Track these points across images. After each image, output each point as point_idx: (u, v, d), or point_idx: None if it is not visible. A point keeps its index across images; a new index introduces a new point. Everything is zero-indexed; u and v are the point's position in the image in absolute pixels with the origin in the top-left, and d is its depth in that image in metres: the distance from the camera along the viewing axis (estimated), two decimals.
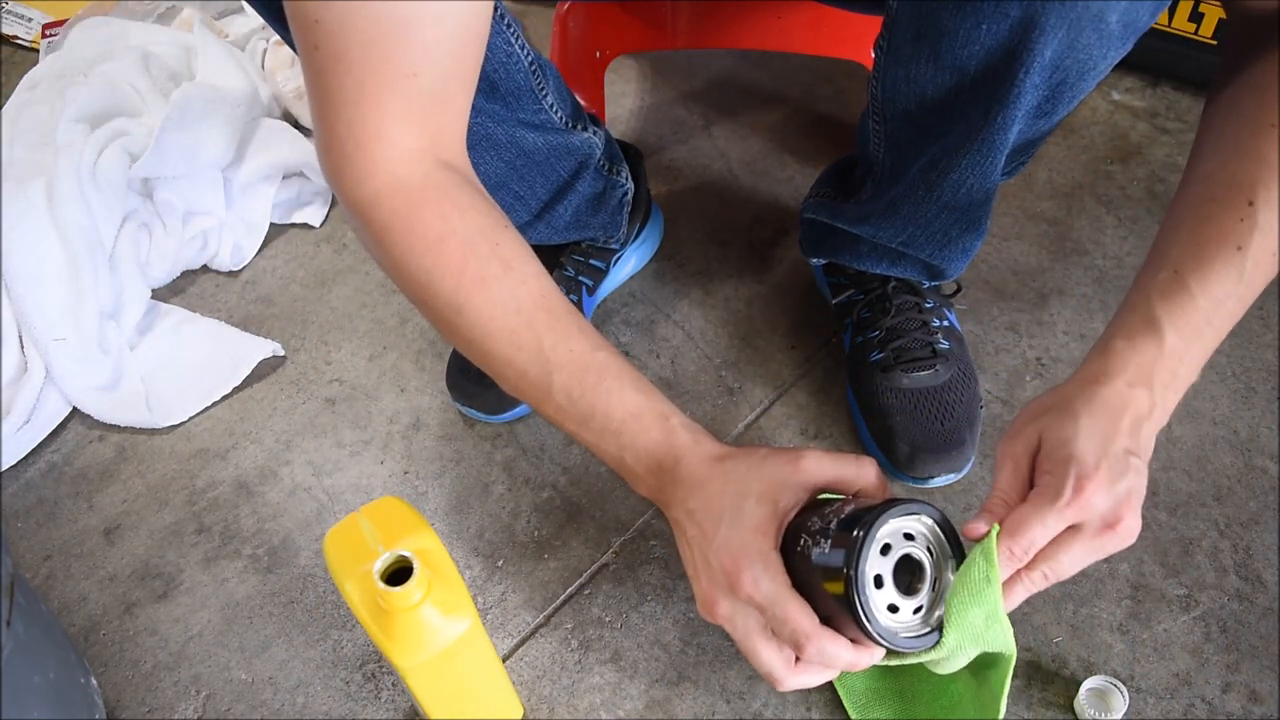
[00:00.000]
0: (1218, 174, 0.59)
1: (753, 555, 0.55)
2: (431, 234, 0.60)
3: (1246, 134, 0.58)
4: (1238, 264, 0.56)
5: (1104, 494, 0.54)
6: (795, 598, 0.55)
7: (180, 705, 0.79)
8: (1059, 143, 1.17)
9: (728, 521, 0.57)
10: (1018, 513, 0.55)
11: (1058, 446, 0.56)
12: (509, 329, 0.61)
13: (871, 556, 0.53)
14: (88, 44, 1.19)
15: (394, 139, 0.59)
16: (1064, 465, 0.54)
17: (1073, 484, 0.54)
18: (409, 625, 0.60)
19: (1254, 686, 0.76)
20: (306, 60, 0.58)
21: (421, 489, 0.91)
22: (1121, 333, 0.58)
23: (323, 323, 1.05)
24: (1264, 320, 0.99)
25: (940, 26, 0.62)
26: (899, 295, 0.90)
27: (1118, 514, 0.54)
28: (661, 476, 0.61)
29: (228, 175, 1.12)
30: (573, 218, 0.90)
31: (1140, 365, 0.57)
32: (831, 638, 0.54)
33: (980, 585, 0.54)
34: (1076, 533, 0.55)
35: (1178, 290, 0.57)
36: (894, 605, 0.55)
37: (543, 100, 0.79)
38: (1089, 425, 0.55)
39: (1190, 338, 0.57)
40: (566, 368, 0.61)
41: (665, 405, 0.62)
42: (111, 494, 0.93)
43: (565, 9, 1.11)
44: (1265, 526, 0.84)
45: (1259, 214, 0.56)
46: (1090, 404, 0.56)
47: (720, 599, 0.57)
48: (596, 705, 0.77)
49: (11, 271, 0.96)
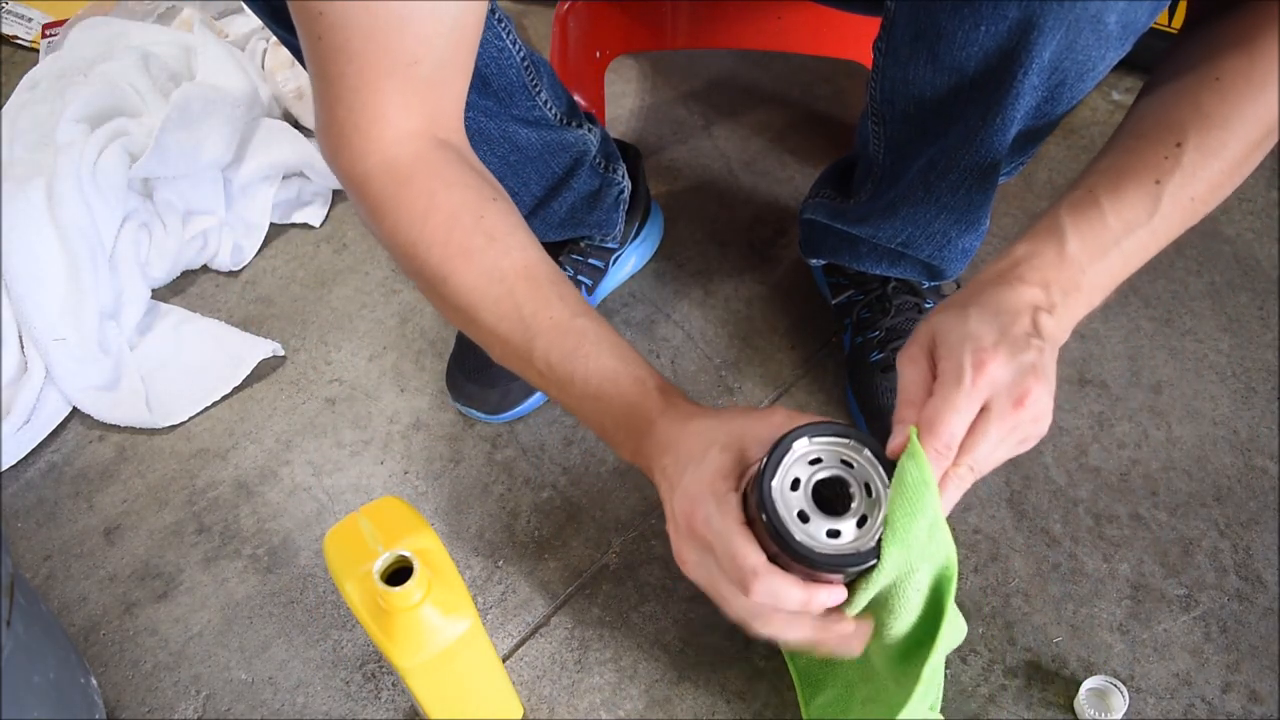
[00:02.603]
0: (1151, 115, 0.59)
1: (707, 496, 0.54)
2: (417, 209, 0.61)
3: (1188, 83, 0.58)
4: (1153, 195, 0.56)
5: (1005, 366, 0.52)
6: (743, 535, 0.53)
7: (180, 705, 0.80)
8: (1059, 143, 1.17)
9: (690, 470, 0.56)
10: (928, 407, 0.53)
11: (952, 334, 0.54)
12: (492, 298, 0.62)
13: (782, 473, 0.52)
14: (88, 44, 1.19)
15: (391, 121, 0.60)
16: (959, 347, 0.53)
17: (971, 361, 0.52)
18: (409, 625, 0.60)
19: (1254, 686, 0.76)
20: (310, 49, 0.59)
21: (421, 489, 0.91)
22: (1026, 238, 0.57)
23: (323, 323, 1.05)
24: (1264, 320, 0.99)
25: (938, 28, 0.62)
26: (899, 295, 0.90)
27: (1024, 386, 0.52)
28: (639, 439, 0.60)
29: (228, 175, 1.12)
30: (568, 214, 0.90)
31: (1038, 266, 0.56)
32: (779, 575, 0.53)
33: (917, 490, 0.52)
34: (987, 414, 0.53)
35: (1088, 205, 0.57)
36: (834, 530, 0.53)
37: (536, 96, 0.80)
38: (981, 313, 0.54)
39: (1094, 250, 0.56)
40: (546, 334, 0.61)
41: (642, 369, 0.61)
42: (111, 494, 0.93)
43: (565, 9, 1.11)
44: (1265, 526, 0.84)
45: (1184, 155, 0.56)
46: (981, 299, 0.55)
47: (685, 547, 0.56)
48: (596, 705, 0.77)
49: (11, 271, 0.96)
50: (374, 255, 1.11)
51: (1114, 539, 0.84)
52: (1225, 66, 0.57)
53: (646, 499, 0.89)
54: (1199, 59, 0.59)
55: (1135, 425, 0.91)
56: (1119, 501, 0.86)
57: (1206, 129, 0.56)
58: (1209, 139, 0.56)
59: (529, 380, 0.64)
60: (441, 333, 1.03)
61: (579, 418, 0.64)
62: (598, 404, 0.61)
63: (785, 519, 0.52)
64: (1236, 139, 0.56)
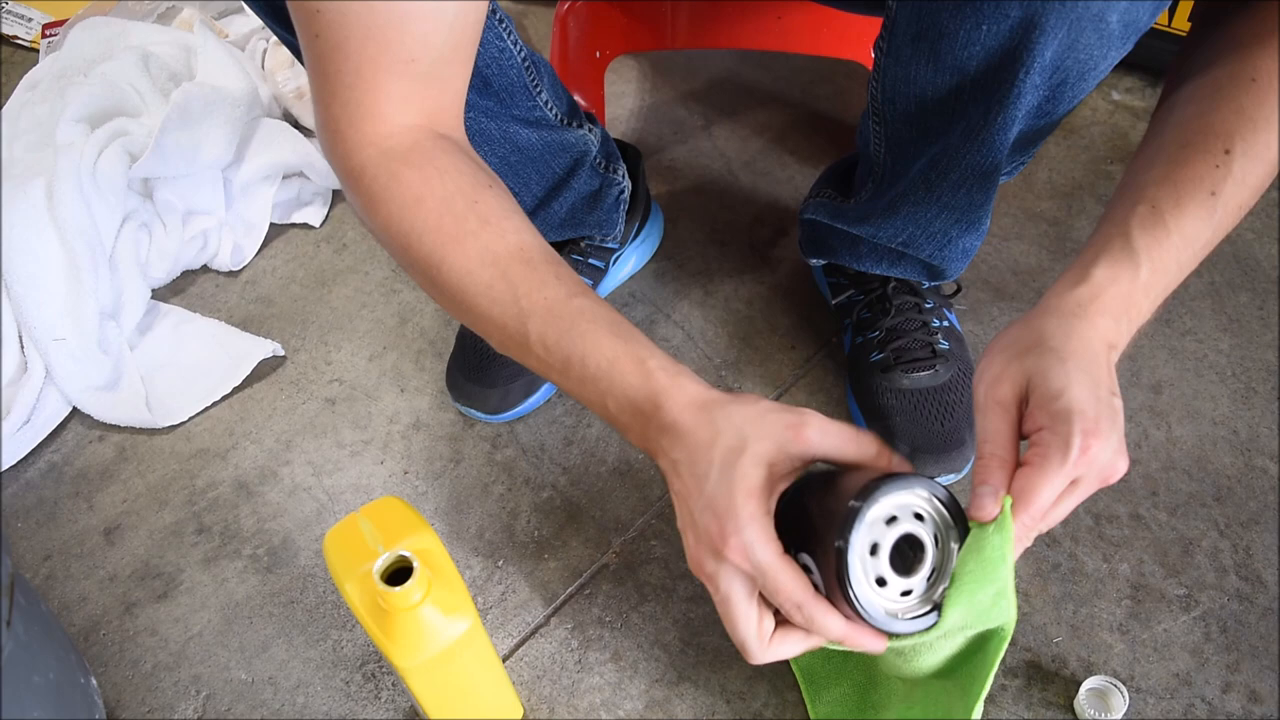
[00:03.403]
0: (1195, 121, 0.59)
1: (742, 520, 0.53)
2: (410, 195, 0.60)
3: (1225, 85, 0.58)
4: (1210, 208, 0.56)
5: (1104, 447, 0.52)
6: (788, 568, 0.53)
7: (180, 705, 0.79)
8: (1059, 143, 1.17)
9: (715, 479, 0.54)
10: (1025, 479, 0.53)
11: (1052, 398, 0.53)
12: (485, 282, 0.60)
13: (865, 529, 0.52)
14: (88, 44, 1.19)
15: (387, 116, 0.60)
16: (1065, 421, 0.52)
17: (1079, 443, 0.51)
18: (409, 625, 0.60)
19: (1254, 686, 0.76)
20: (307, 47, 0.59)
21: (421, 489, 0.91)
22: (1103, 261, 0.57)
23: (323, 323, 1.05)
24: (1264, 320, 0.99)
25: (940, 27, 0.62)
26: (899, 295, 0.90)
27: (1114, 467, 0.53)
28: (645, 423, 0.58)
29: (228, 175, 1.12)
30: (568, 214, 0.90)
31: (1117, 296, 0.56)
32: (825, 608, 0.53)
33: (995, 563, 0.52)
34: (1075, 488, 0.53)
35: (1155, 224, 0.56)
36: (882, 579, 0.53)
37: (537, 96, 0.80)
38: (1079, 371, 0.53)
39: (1160, 273, 0.56)
40: (541, 315, 0.59)
41: (643, 348, 0.59)
42: (111, 494, 0.93)
43: (565, 9, 1.11)
44: (1265, 526, 0.84)
45: (1234, 163, 0.56)
46: (1074, 344, 0.54)
47: (706, 558, 0.55)
48: (596, 705, 0.77)
49: (11, 271, 0.96)
50: (374, 255, 1.11)
51: (1114, 539, 0.84)
52: (1260, 67, 0.57)
53: (646, 499, 0.89)
54: (1228, 58, 0.58)
55: (1135, 425, 0.91)
56: (1119, 501, 0.86)
57: (1253, 133, 0.56)
58: (1255, 143, 0.56)
59: (531, 368, 0.62)
60: (441, 333, 1.03)
61: (582, 403, 0.61)
62: (598, 386, 0.59)
63: (869, 604, 0.52)
64: (1277, 140, 0.56)
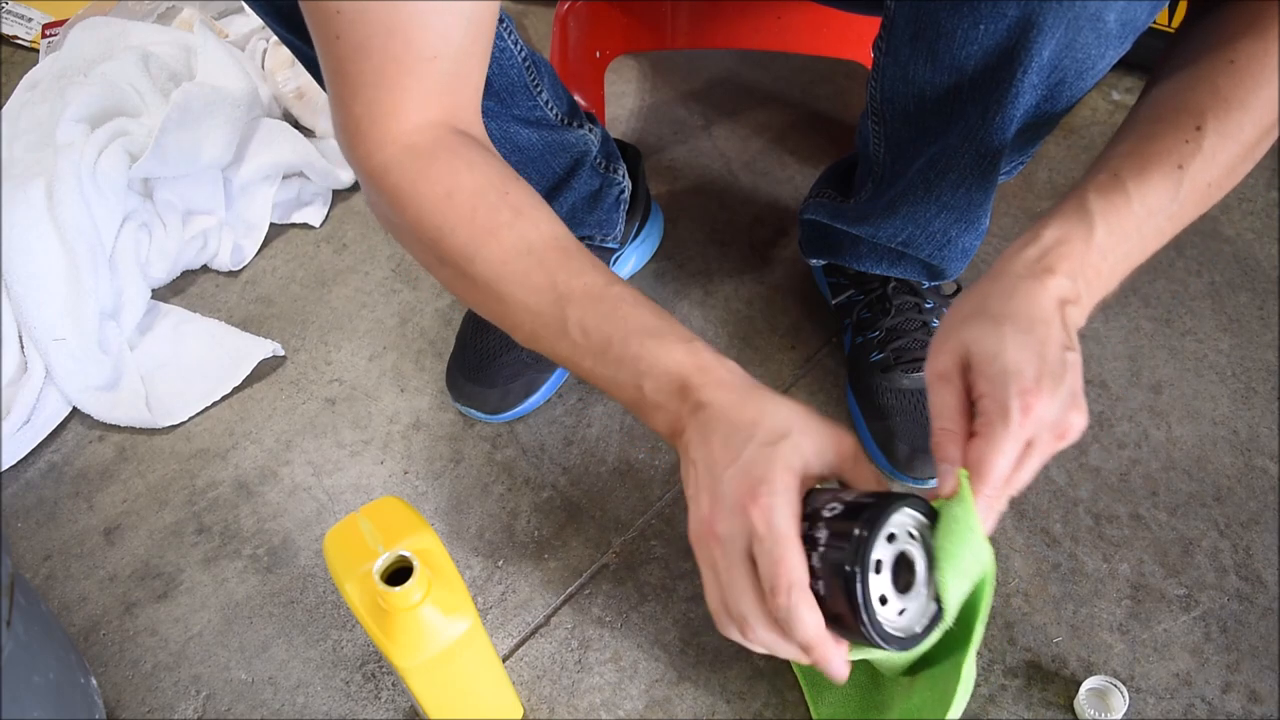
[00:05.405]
0: (1169, 100, 0.59)
1: (778, 486, 0.52)
2: (440, 190, 0.60)
3: (1204, 66, 0.58)
4: (1175, 180, 0.56)
5: (1050, 404, 0.52)
6: (797, 548, 0.52)
7: (180, 705, 0.80)
8: (1059, 143, 1.17)
9: (754, 450, 0.53)
10: (976, 450, 0.53)
11: (988, 362, 0.53)
12: (521, 271, 0.60)
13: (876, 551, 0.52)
14: (88, 44, 1.19)
15: (409, 114, 0.60)
16: (1001, 385, 0.52)
17: (1018, 405, 0.51)
18: (409, 625, 0.60)
19: (1254, 686, 0.76)
20: (326, 49, 0.58)
21: (421, 489, 0.91)
22: (1054, 223, 0.57)
23: (323, 323, 1.05)
24: (1264, 320, 0.99)
25: (938, 27, 0.62)
26: (899, 295, 0.90)
27: (1067, 422, 0.53)
28: (684, 399, 0.56)
29: (228, 175, 1.12)
30: (568, 215, 0.90)
31: (1068, 254, 0.55)
32: (810, 604, 0.52)
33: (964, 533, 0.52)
34: (1031, 449, 0.53)
35: (1115, 190, 0.56)
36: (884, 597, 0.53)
37: (537, 96, 0.80)
38: (1016, 333, 0.53)
39: (1118, 237, 0.56)
40: (580, 300, 0.58)
41: (687, 331, 0.58)
42: (111, 494, 0.93)
43: (565, 9, 1.11)
44: (1265, 526, 0.84)
45: (1205, 139, 0.56)
46: (1015, 304, 0.54)
47: (723, 519, 0.53)
48: (596, 705, 0.77)
49: (11, 271, 0.96)
50: (374, 255, 1.11)
51: (1114, 539, 0.84)
52: (1240, 49, 0.57)
53: (646, 499, 0.89)
54: (1212, 43, 0.59)
55: (1135, 425, 0.91)
56: (1119, 501, 0.86)
57: (1225, 111, 0.56)
58: (1228, 122, 0.56)
59: (557, 357, 0.61)
60: (441, 333, 1.03)
61: (612, 390, 0.60)
62: (638, 365, 0.57)
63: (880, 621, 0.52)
64: (1252, 122, 0.56)
